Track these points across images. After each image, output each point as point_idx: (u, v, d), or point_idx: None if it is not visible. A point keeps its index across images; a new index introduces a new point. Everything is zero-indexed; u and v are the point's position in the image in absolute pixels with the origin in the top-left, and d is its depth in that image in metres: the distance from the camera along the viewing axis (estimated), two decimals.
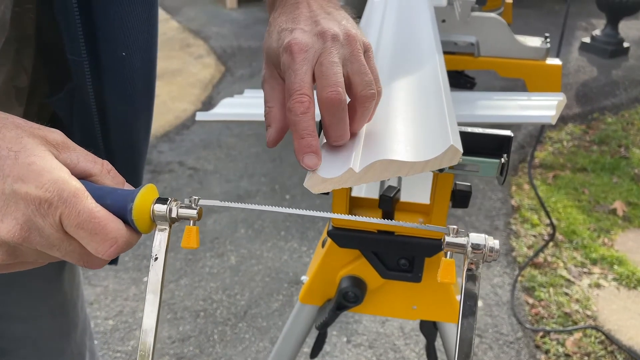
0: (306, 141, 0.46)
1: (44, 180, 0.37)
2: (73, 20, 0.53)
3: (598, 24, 4.69)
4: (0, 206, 0.37)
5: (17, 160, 0.37)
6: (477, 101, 1.05)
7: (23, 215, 0.37)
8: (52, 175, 0.38)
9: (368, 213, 0.72)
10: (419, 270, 0.72)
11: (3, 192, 0.37)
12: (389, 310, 0.81)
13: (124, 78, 0.58)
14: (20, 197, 0.37)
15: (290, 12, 0.51)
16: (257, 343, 1.76)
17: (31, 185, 0.37)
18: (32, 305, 0.73)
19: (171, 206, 0.42)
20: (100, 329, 1.80)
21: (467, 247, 0.39)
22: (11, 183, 0.37)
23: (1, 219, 0.37)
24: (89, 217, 0.38)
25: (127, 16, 0.54)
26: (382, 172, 0.49)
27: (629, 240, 2.26)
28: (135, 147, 0.65)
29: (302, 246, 2.17)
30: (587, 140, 3.07)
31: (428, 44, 0.81)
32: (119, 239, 0.39)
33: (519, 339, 1.80)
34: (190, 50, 4.33)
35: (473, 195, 0.65)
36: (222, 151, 2.90)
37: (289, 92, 0.46)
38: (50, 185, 0.37)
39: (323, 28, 0.48)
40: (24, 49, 0.57)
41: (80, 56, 0.55)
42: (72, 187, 0.38)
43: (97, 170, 0.42)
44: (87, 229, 0.38)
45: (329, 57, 0.47)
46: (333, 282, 0.79)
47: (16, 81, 0.58)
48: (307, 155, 0.46)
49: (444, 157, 0.50)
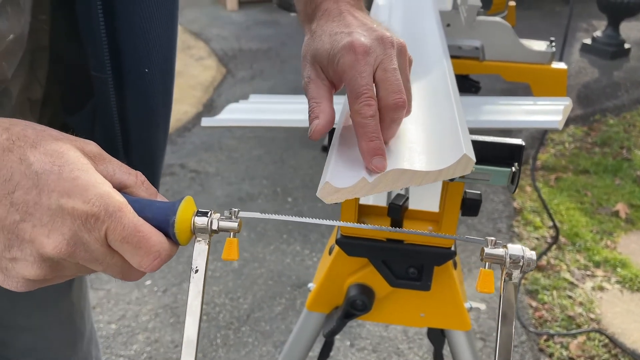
0: (375, 144, 0.47)
1: (90, 195, 0.37)
2: (99, 36, 0.53)
3: (599, 25, 4.69)
4: (47, 222, 0.37)
5: (61, 174, 0.37)
6: (482, 106, 1.04)
7: (69, 230, 0.37)
8: (97, 190, 0.38)
9: (377, 221, 0.72)
10: (427, 279, 0.72)
11: (49, 207, 0.37)
12: (397, 318, 0.81)
13: (146, 94, 0.58)
14: (67, 212, 0.37)
15: (338, 20, 0.53)
16: (260, 347, 1.75)
17: (77, 200, 0.37)
18: (40, 316, 0.73)
19: (212, 218, 0.43)
20: (103, 333, 1.79)
21: (505, 259, 0.41)
22: (57, 198, 0.37)
23: (47, 234, 0.37)
24: (133, 231, 0.38)
25: (149, 33, 0.55)
26: (395, 181, 0.49)
27: (631, 243, 2.26)
28: (154, 161, 0.65)
29: (305, 249, 2.17)
30: (589, 142, 3.07)
31: (435, 49, 0.80)
32: (162, 252, 0.40)
33: (523, 342, 1.79)
34: (191, 52, 4.33)
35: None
36: (224, 154, 2.89)
37: (355, 94, 0.48)
38: (96, 199, 0.37)
39: (381, 34, 0.50)
40: (38, 61, 0.57)
41: (105, 73, 0.55)
42: (116, 202, 0.38)
43: (132, 181, 0.42)
44: (132, 243, 0.38)
45: (391, 64, 0.49)
46: (341, 290, 0.78)
47: (30, 93, 0.58)
48: (376, 157, 0.47)
49: (457, 167, 0.49)
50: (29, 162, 0.37)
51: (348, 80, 0.49)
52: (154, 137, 0.63)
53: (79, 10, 0.53)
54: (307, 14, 0.58)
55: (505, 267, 0.41)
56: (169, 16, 0.57)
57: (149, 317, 1.85)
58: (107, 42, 0.53)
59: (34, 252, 0.37)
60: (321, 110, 0.50)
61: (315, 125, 0.50)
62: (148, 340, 1.77)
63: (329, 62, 0.51)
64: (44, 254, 0.37)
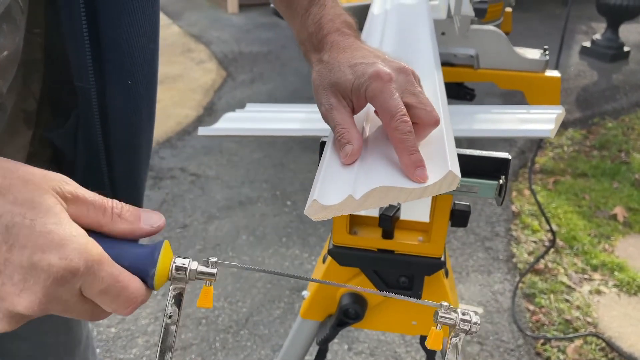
0: (416, 157, 0.50)
1: (67, 251, 0.35)
2: (82, 45, 0.53)
3: (598, 28, 4.70)
4: (18, 280, 0.35)
5: (33, 228, 0.35)
6: (475, 115, 1.05)
7: (42, 288, 0.35)
8: (74, 245, 0.36)
9: (368, 231, 0.73)
10: (418, 288, 0.73)
11: (21, 264, 0.35)
12: (389, 325, 0.82)
13: (130, 106, 0.58)
14: (41, 269, 0.35)
15: (350, 51, 0.57)
16: (258, 351, 1.76)
17: (53, 257, 0.35)
18: (37, 323, 0.73)
19: (190, 267, 0.42)
20: (103, 337, 1.81)
21: (456, 323, 0.45)
22: (29, 255, 0.35)
23: (19, 293, 0.35)
24: (113, 282, 0.38)
25: (134, 45, 0.55)
26: (381, 198, 0.50)
27: (629, 246, 2.27)
28: (137, 173, 0.65)
29: (304, 252, 2.18)
30: (588, 145, 3.08)
31: (428, 61, 0.82)
32: (139, 298, 0.40)
33: (520, 346, 1.80)
34: (191, 55, 4.34)
35: (473, 201, 0.67)
36: (224, 157, 2.91)
37: (390, 114, 0.51)
38: (74, 255, 0.36)
39: (398, 65, 0.56)
40: (32, 74, 0.58)
41: (89, 83, 0.55)
42: (95, 255, 0.37)
43: (107, 219, 0.41)
44: (111, 294, 0.38)
45: (416, 88, 0.55)
46: (334, 298, 0.80)
47: (25, 105, 0.58)
48: (419, 168, 0.50)
49: (442, 184, 0.51)
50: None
51: (380, 103, 0.52)
52: (137, 149, 0.63)
53: (63, 20, 0.53)
54: (313, 45, 0.61)
55: (454, 330, 0.45)
56: (153, 28, 0.57)
57: (148, 321, 1.87)
58: (91, 52, 0.54)
59: (3, 309, 0.36)
60: (352, 136, 0.53)
61: (349, 149, 0.52)
62: (147, 343, 1.79)
63: (353, 91, 0.54)
64: (15, 312, 0.36)
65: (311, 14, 0.62)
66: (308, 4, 0.62)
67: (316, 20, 0.61)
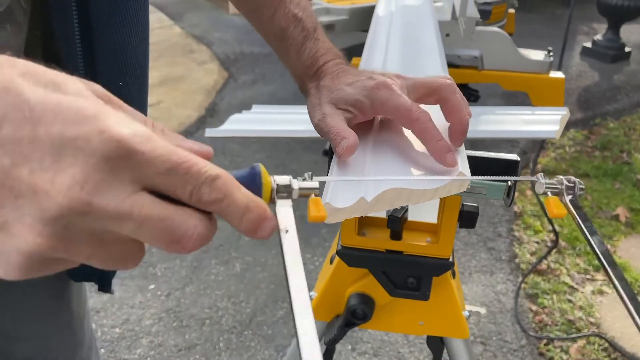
0: (443, 142, 0.52)
1: (109, 120, 0.27)
2: (74, 46, 0.54)
3: (599, 28, 4.70)
4: (49, 164, 0.27)
5: (61, 103, 0.27)
6: (480, 116, 1.06)
7: (82, 171, 0.27)
8: (117, 116, 0.28)
9: (377, 232, 0.74)
10: (426, 289, 0.74)
11: (51, 144, 0.27)
12: (397, 326, 0.83)
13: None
14: (78, 148, 0.27)
15: (344, 75, 0.60)
16: (262, 351, 1.77)
17: (91, 128, 0.27)
18: (40, 325, 0.73)
19: (293, 183, 0.39)
20: (107, 337, 1.81)
21: (563, 187, 0.47)
22: (61, 131, 0.27)
23: (52, 180, 0.26)
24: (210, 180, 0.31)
25: (126, 45, 0.56)
26: (392, 200, 0.51)
27: (631, 247, 2.27)
28: None
29: (307, 253, 2.19)
30: (589, 146, 3.08)
31: (434, 65, 0.82)
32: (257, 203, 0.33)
33: (523, 346, 1.81)
34: (193, 56, 4.35)
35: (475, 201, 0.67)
36: (227, 158, 2.91)
37: (405, 109, 0.53)
38: (119, 124, 0.28)
39: (392, 75, 0.58)
40: None
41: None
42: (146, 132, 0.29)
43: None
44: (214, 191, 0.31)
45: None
46: (341, 299, 0.80)
47: None
48: (449, 153, 0.51)
49: (452, 185, 0.51)
50: (18, 90, 0.27)
51: (393, 105, 0.54)
52: None
53: (55, 21, 0.53)
54: (309, 75, 0.64)
55: (565, 192, 0.47)
56: (144, 28, 0.58)
57: (152, 321, 1.88)
58: (82, 53, 0.54)
59: (34, 210, 0.26)
60: (347, 133, 0.54)
61: (345, 143, 0.53)
62: (152, 344, 1.79)
63: (355, 103, 0.56)
64: (48, 209, 0.26)
65: (307, 48, 0.65)
66: (303, 39, 0.66)
67: (312, 54, 0.64)
